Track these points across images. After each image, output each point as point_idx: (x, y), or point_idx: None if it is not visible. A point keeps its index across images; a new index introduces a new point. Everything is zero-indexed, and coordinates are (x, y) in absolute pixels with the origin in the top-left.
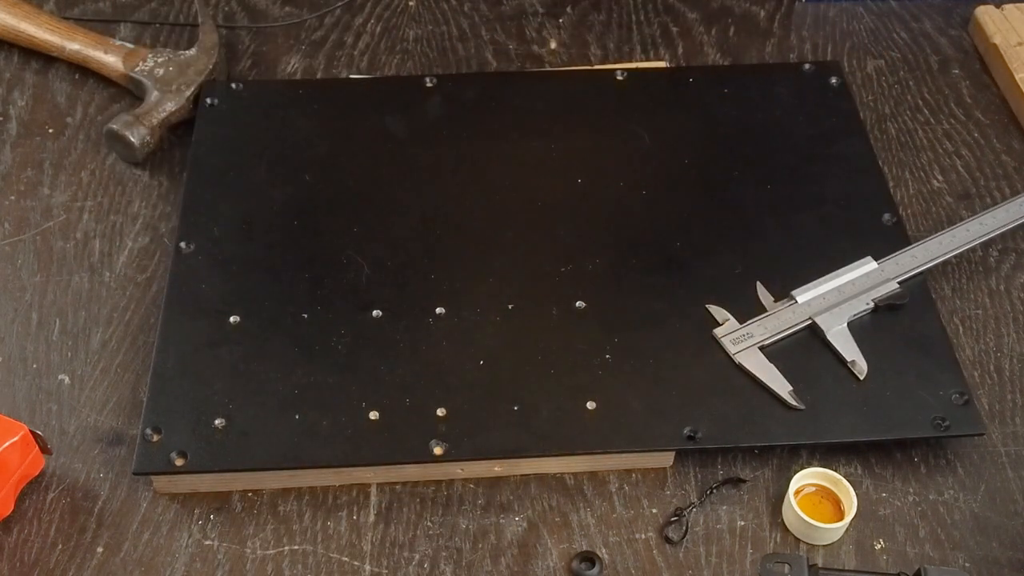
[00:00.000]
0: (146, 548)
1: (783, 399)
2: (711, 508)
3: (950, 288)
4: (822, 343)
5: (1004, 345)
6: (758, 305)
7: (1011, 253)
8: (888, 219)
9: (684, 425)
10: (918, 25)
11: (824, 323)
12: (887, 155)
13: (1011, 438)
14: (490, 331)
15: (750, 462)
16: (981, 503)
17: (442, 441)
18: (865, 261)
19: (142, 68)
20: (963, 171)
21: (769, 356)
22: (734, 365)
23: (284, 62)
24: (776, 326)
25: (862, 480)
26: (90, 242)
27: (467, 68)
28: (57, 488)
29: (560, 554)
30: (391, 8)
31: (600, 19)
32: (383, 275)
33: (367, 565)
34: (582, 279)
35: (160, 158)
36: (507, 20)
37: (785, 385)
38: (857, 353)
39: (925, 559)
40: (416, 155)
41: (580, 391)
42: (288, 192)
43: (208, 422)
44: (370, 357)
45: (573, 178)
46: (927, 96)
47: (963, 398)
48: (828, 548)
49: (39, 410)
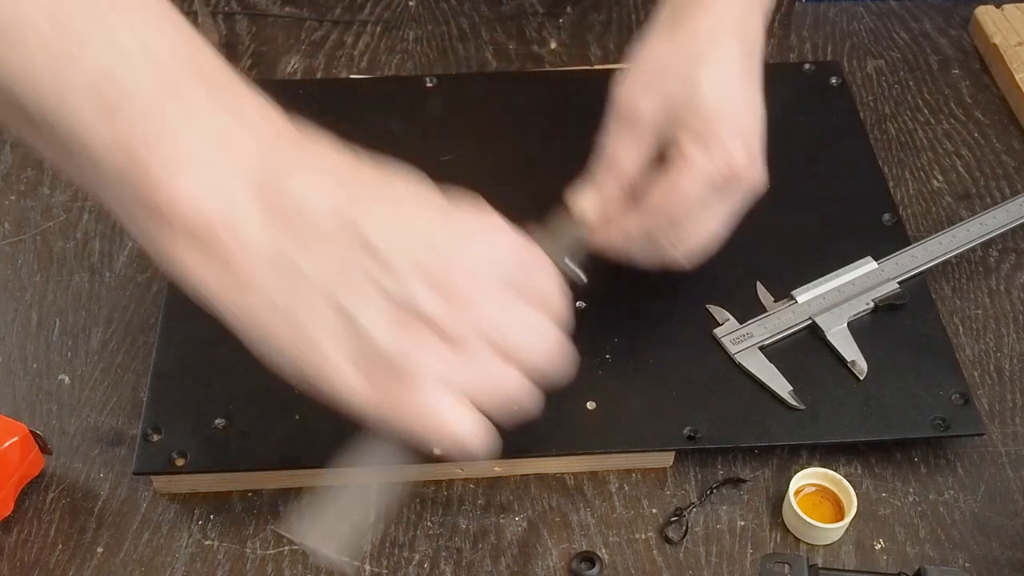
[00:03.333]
0: (146, 548)
1: (783, 399)
2: (711, 508)
3: (950, 288)
4: (822, 343)
5: (1004, 345)
6: (758, 305)
7: (1011, 253)
8: (888, 219)
9: (684, 425)
10: (918, 25)
11: (824, 323)
12: (887, 155)
13: (1011, 438)
14: None
15: (750, 462)
16: (981, 503)
17: None
18: (865, 261)
19: None
20: (963, 171)
21: (769, 356)
22: (734, 365)
23: (284, 62)
24: (776, 326)
25: (862, 480)
26: (90, 242)
27: (467, 68)
28: (57, 488)
29: (560, 554)
30: (391, 8)
31: (600, 19)
32: None
33: (367, 565)
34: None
35: None
36: (507, 20)
37: (785, 385)
38: (857, 353)
39: (925, 559)
40: (416, 155)
41: (580, 391)
42: None
43: (208, 422)
44: None
45: (573, 178)
46: (927, 96)
47: (963, 398)
48: (828, 548)
49: (39, 410)
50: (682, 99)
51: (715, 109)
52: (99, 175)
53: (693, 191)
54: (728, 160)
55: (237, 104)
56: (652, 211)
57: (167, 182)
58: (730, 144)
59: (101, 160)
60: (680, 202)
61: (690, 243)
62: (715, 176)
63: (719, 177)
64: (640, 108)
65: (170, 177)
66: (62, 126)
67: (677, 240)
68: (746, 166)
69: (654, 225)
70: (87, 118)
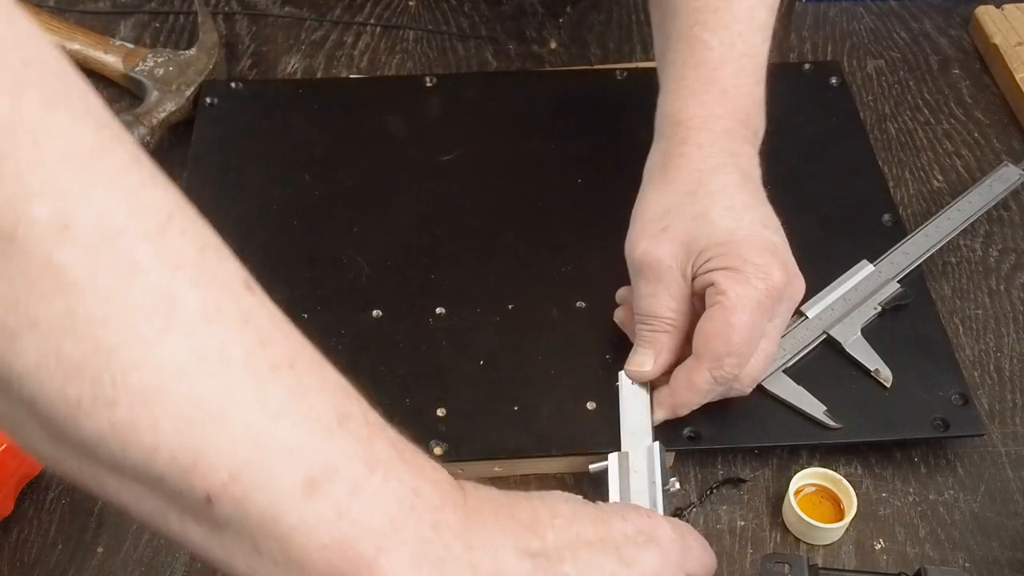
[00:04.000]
0: (146, 548)
1: (820, 420)
2: (711, 508)
3: (950, 288)
4: (837, 352)
5: (1004, 345)
6: None
7: (1011, 253)
8: (888, 220)
9: (684, 425)
10: (918, 25)
11: (839, 335)
12: (887, 155)
13: (1011, 438)
14: (490, 331)
15: (750, 462)
16: (981, 503)
17: (442, 441)
18: (862, 265)
19: (142, 68)
20: (963, 171)
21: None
22: (762, 391)
23: (284, 62)
24: (794, 345)
25: (862, 480)
26: None
27: (467, 68)
28: (57, 488)
29: None
30: (391, 8)
31: (600, 19)
32: (383, 275)
33: None
34: (582, 279)
35: (160, 158)
36: (507, 20)
37: (819, 406)
38: (879, 361)
39: (925, 559)
40: (416, 155)
41: (580, 391)
42: (288, 192)
43: None
44: (370, 357)
45: (573, 178)
46: (927, 96)
47: (963, 399)
48: (828, 548)
49: None
50: (700, 238)
51: (735, 238)
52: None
53: (745, 323)
54: (768, 281)
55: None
56: (713, 356)
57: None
58: (764, 265)
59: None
60: (737, 337)
61: (753, 372)
62: (761, 300)
63: (765, 299)
64: (661, 258)
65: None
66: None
67: (743, 374)
68: (786, 281)
69: (718, 369)
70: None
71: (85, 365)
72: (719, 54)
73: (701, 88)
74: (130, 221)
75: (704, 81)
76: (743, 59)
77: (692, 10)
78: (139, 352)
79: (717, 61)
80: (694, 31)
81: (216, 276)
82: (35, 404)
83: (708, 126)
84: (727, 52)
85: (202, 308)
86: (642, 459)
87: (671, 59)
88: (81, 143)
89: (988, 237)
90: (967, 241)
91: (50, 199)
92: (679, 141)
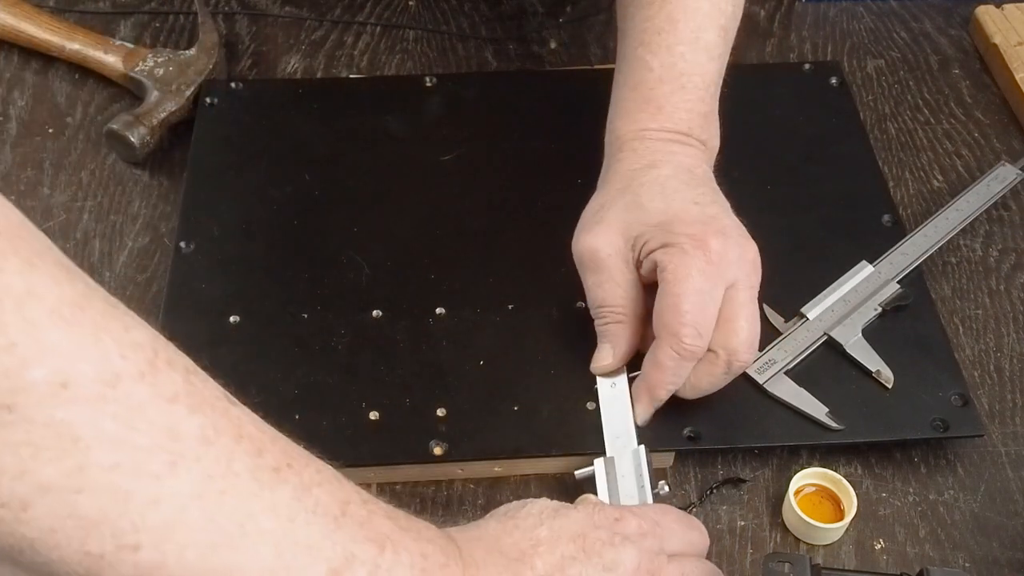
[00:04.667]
0: None
1: (822, 422)
2: (711, 508)
3: (950, 288)
4: (838, 354)
5: (1004, 345)
6: (768, 327)
7: (1011, 253)
8: (888, 220)
9: (684, 425)
10: (918, 25)
11: (840, 336)
12: (887, 155)
13: (1011, 438)
14: (490, 331)
15: (750, 462)
16: (981, 503)
17: (442, 441)
18: (862, 266)
19: (142, 68)
20: (963, 171)
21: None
22: (763, 393)
23: (284, 62)
24: (795, 347)
25: (862, 480)
26: (90, 242)
27: (467, 68)
28: None
29: None
30: (391, 8)
31: (600, 19)
32: (383, 275)
33: None
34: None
35: (160, 158)
36: (507, 20)
37: (821, 408)
38: (879, 362)
39: (925, 559)
40: (416, 155)
41: (580, 391)
42: (288, 192)
43: None
44: (370, 357)
45: (573, 178)
46: (927, 96)
47: (962, 399)
48: (828, 548)
49: None
50: (634, 224)
51: (667, 217)
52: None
53: (690, 290)
54: (703, 247)
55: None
56: (669, 332)
57: None
58: (696, 234)
59: None
60: (686, 306)
61: (744, 343)
62: (701, 267)
63: (706, 265)
64: (599, 247)
65: None
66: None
67: (734, 346)
68: (725, 245)
69: (678, 343)
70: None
71: (104, 515)
72: (658, 75)
73: (637, 107)
74: (125, 365)
75: (641, 100)
76: (683, 78)
77: (639, 31)
78: (154, 489)
79: (655, 81)
80: (638, 52)
81: (206, 398)
82: (50, 568)
83: (642, 136)
84: (666, 72)
85: (202, 433)
86: (628, 463)
87: (617, 79)
88: (62, 298)
89: (988, 237)
90: (967, 241)
91: (46, 361)
92: (616, 150)
